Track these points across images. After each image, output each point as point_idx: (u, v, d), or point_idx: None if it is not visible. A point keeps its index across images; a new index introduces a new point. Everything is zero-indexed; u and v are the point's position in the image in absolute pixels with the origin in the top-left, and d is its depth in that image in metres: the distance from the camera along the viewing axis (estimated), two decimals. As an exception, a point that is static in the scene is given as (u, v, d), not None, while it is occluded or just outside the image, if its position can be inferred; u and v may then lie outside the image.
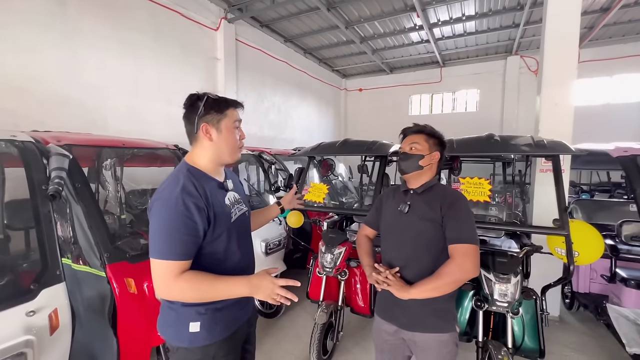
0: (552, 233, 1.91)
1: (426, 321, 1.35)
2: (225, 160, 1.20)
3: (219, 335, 1.13)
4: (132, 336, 1.79)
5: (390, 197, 1.57)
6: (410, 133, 1.47)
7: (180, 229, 1.00)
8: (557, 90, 3.19)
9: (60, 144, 1.90)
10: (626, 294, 2.50)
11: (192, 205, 1.02)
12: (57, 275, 1.61)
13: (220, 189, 1.19)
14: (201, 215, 1.04)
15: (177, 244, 0.99)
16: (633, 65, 7.26)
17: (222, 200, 1.17)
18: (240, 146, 1.22)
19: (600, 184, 5.81)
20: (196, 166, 1.16)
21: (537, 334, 2.02)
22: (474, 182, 2.13)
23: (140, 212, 2.92)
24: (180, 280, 0.99)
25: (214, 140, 1.15)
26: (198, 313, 1.10)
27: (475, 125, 8.15)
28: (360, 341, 2.81)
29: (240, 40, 6.34)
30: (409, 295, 1.27)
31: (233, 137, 1.18)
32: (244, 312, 1.25)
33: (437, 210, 1.34)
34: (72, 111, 3.82)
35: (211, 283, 1.03)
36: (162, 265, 0.99)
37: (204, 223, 1.05)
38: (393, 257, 1.45)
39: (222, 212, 1.13)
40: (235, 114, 1.19)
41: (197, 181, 1.10)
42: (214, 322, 1.12)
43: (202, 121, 1.13)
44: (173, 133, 5.05)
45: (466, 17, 6.44)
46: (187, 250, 1.01)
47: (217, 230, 1.10)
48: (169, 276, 0.98)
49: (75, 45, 3.84)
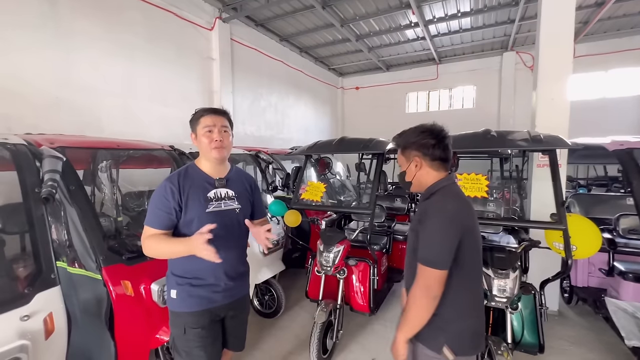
0: (550, 227, 1.91)
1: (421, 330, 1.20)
2: (207, 158, 1.46)
3: (191, 307, 1.39)
4: (129, 339, 1.78)
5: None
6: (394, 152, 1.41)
7: (157, 205, 1.36)
8: (553, 86, 3.19)
9: (54, 147, 1.88)
10: (624, 287, 2.51)
11: (169, 189, 1.36)
12: (52, 279, 1.59)
13: (209, 184, 1.45)
14: (174, 197, 1.35)
15: (153, 216, 1.35)
16: (628, 59, 7.29)
17: (204, 193, 1.41)
18: (213, 147, 1.40)
19: (597, 178, 5.84)
20: (197, 164, 1.49)
21: (536, 329, 2.03)
22: (471, 178, 2.12)
23: (137, 214, 2.90)
24: (147, 240, 1.34)
25: (197, 144, 1.46)
26: (177, 283, 1.41)
27: (472, 122, 8.13)
28: (360, 340, 2.81)
29: (235, 40, 6.31)
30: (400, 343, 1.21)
31: (203, 139, 1.41)
32: (221, 296, 1.45)
33: (416, 223, 1.26)
34: (66, 113, 3.79)
35: (163, 243, 1.32)
36: (144, 229, 1.36)
37: (174, 204, 1.35)
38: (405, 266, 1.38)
39: (196, 201, 1.38)
40: (206, 121, 1.41)
41: (186, 174, 1.43)
42: (188, 294, 1.40)
43: (191, 129, 1.47)
44: (169, 134, 5.04)
45: (461, 14, 6.43)
46: (159, 221, 1.35)
47: (188, 215, 1.37)
48: (144, 236, 1.36)
49: (68, 47, 3.80)
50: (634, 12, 6.30)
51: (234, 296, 1.51)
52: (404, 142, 1.32)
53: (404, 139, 1.32)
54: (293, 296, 3.57)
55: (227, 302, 1.47)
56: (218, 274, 1.43)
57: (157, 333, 1.86)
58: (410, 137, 1.30)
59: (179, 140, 5.02)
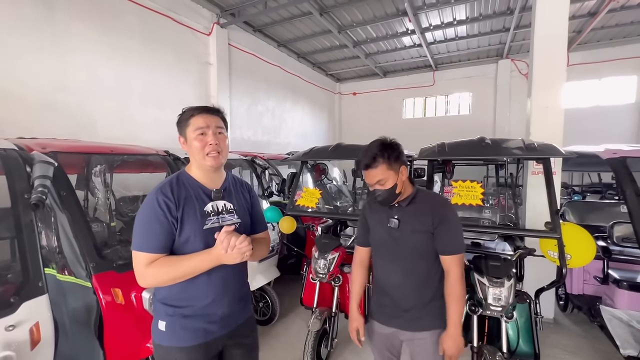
0: (544, 236, 1.90)
1: (425, 320, 1.44)
2: (201, 166, 1.23)
3: (184, 341, 1.17)
4: (119, 348, 1.74)
5: (373, 210, 1.56)
6: (365, 169, 1.37)
7: (151, 223, 1.11)
8: (547, 93, 3.22)
9: (46, 152, 1.86)
10: (619, 295, 2.51)
11: (163, 202, 1.12)
12: (39, 287, 1.56)
13: (206, 196, 1.23)
14: (171, 212, 1.13)
15: (147, 238, 1.11)
16: (621, 67, 7.41)
17: (200, 207, 1.20)
18: (208, 152, 1.19)
19: (592, 186, 5.88)
20: (189, 172, 1.25)
21: (531, 338, 2.01)
22: (466, 185, 2.13)
23: (130, 219, 2.87)
24: (150, 268, 1.09)
25: (187, 149, 1.23)
26: (166, 314, 1.19)
27: (468, 128, 8.23)
28: (355, 348, 2.77)
29: (233, 45, 6.33)
30: (458, 339, 1.36)
31: (194, 143, 1.19)
32: (218, 327, 1.22)
33: (428, 222, 1.39)
34: (61, 117, 3.76)
35: (177, 262, 1.11)
36: (136, 256, 1.11)
37: (172, 219, 1.13)
38: (390, 270, 1.49)
39: (192, 217, 1.17)
40: (197, 121, 1.19)
41: (178, 184, 1.20)
42: (181, 327, 1.17)
43: (179, 133, 1.23)
44: (164, 138, 5.01)
45: (457, 22, 6.51)
46: (157, 242, 1.11)
47: (184, 233, 1.15)
48: (140, 266, 1.10)
49: (64, 50, 3.79)
50: (626, 22, 6.42)
51: (233, 324, 1.27)
52: (393, 157, 1.35)
53: (388, 155, 1.34)
54: (288, 303, 3.54)
55: (225, 331, 1.25)
56: (216, 301, 1.21)
57: (147, 342, 1.82)
58: (393, 152, 1.35)
59: (175, 144, 4.99)
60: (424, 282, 1.44)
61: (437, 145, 2.37)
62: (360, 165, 1.40)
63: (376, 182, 1.36)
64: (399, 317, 1.47)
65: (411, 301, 1.45)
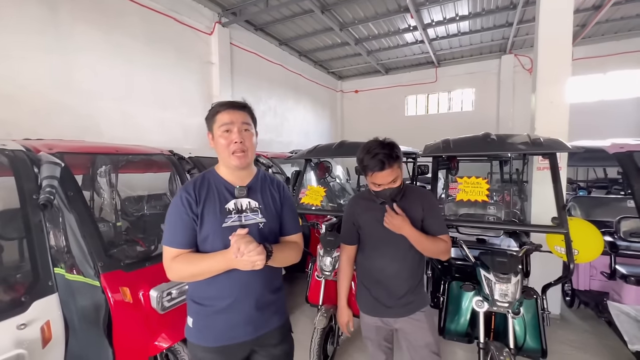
0: (551, 231, 1.89)
1: (417, 302, 1.58)
2: (226, 165, 1.22)
3: (206, 340, 1.17)
4: (128, 346, 1.76)
5: (364, 209, 1.61)
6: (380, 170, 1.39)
7: (175, 220, 1.14)
8: (552, 88, 3.19)
9: (52, 152, 1.88)
10: (626, 290, 2.49)
11: (185, 199, 1.14)
12: (50, 286, 1.58)
13: (228, 193, 1.20)
14: (192, 209, 1.14)
15: (172, 234, 1.14)
16: (626, 61, 7.32)
17: (221, 204, 1.17)
18: (232, 150, 1.16)
19: (597, 180, 5.83)
20: (217, 170, 1.25)
21: (538, 334, 2.00)
22: (471, 181, 2.12)
23: (136, 219, 2.89)
24: (174, 262, 1.12)
25: (214, 146, 1.21)
26: (192, 310, 1.21)
27: (471, 125, 8.18)
28: (361, 344, 2.78)
29: (234, 44, 6.33)
30: (405, 226, 1.45)
31: (220, 141, 1.17)
32: (242, 331, 1.19)
33: (419, 212, 1.53)
34: (65, 118, 3.78)
35: (195, 260, 1.12)
36: (164, 250, 1.15)
37: (193, 216, 1.14)
38: (386, 262, 1.57)
39: (212, 214, 1.15)
40: (223, 118, 1.16)
41: (202, 182, 1.20)
42: (205, 325, 1.18)
43: (207, 128, 1.22)
44: (168, 138, 5.04)
45: (460, 17, 6.46)
46: (180, 238, 1.13)
47: (204, 230, 1.14)
48: (167, 259, 1.14)
49: (68, 51, 3.81)
50: (632, 15, 6.34)
51: (259, 330, 1.22)
52: (400, 156, 1.45)
53: (397, 154, 1.43)
54: (293, 301, 3.55)
55: (250, 338, 1.20)
56: (236, 304, 1.17)
57: (156, 340, 1.83)
58: (398, 150, 1.45)
59: (178, 144, 5.02)
60: (415, 268, 1.59)
61: (441, 142, 2.37)
62: (371, 168, 1.41)
63: (390, 181, 1.43)
64: (394, 305, 1.56)
65: (405, 287, 1.56)
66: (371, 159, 1.40)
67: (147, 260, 1.96)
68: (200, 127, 5.72)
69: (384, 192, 1.46)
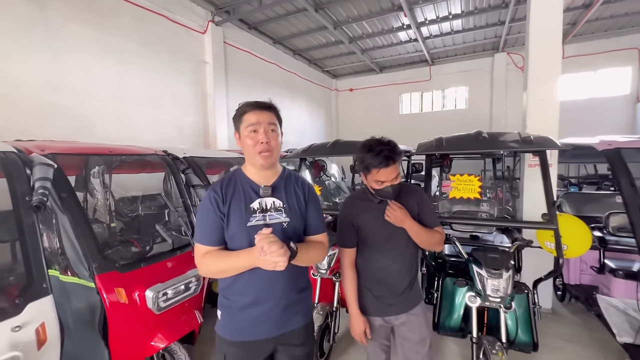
0: (541, 227, 1.94)
1: (414, 297, 1.63)
2: (253, 164, 1.24)
3: (230, 334, 1.22)
4: (124, 347, 1.76)
5: (361, 210, 1.60)
6: (386, 166, 1.41)
7: (204, 219, 1.19)
8: (543, 87, 3.24)
9: (44, 153, 1.86)
10: (615, 284, 2.55)
11: (213, 199, 1.19)
12: (44, 288, 1.57)
13: (254, 193, 1.23)
14: (220, 208, 1.18)
15: (202, 232, 1.20)
16: (616, 59, 7.44)
17: (246, 203, 1.21)
18: (258, 150, 1.18)
19: (588, 177, 5.93)
20: (243, 169, 1.28)
21: (530, 328, 2.05)
22: (464, 179, 2.15)
23: (130, 219, 2.88)
24: (204, 258, 1.17)
25: (241, 145, 1.24)
26: (221, 304, 1.26)
27: (465, 123, 8.25)
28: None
29: (228, 43, 6.30)
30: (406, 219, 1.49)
31: (247, 141, 1.20)
32: (266, 328, 1.22)
33: (414, 208, 1.57)
34: (57, 119, 3.75)
35: (222, 257, 1.16)
36: (195, 247, 1.21)
37: (220, 214, 1.18)
38: (388, 261, 1.58)
39: (237, 213, 1.19)
40: (250, 118, 1.19)
41: (229, 181, 1.24)
42: (231, 320, 1.23)
43: (235, 128, 1.25)
44: (162, 138, 5.01)
45: (453, 16, 6.51)
46: (209, 236, 1.18)
47: (230, 229, 1.18)
48: (198, 256, 1.19)
49: (59, 51, 3.77)
50: (621, 13, 6.44)
51: (282, 328, 1.24)
52: (401, 153, 1.48)
53: (399, 151, 1.46)
54: (289, 299, 3.56)
55: (273, 335, 1.23)
56: (260, 301, 1.20)
57: (152, 340, 1.84)
58: (398, 148, 1.47)
59: (172, 144, 5.00)
60: (413, 264, 1.63)
61: (434, 140, 2.39)
62: (376, 165, 1.41)
63: (393, 178, 1.44)
64: (395, 302, 1.59)
65: (404, 284, 1.59)
66: (375, 156, 1.40)
67: (142, 261, 1.96)
68: (194, 126, 5.73)
69: (387, 190, 1.45)
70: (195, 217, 2.52)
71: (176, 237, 2.41)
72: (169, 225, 2.63)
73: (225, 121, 6.14)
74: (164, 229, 2.44)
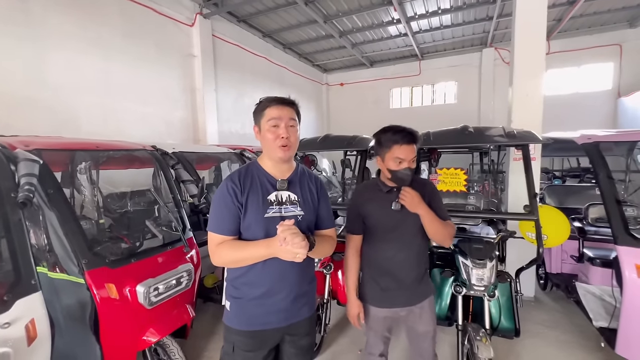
0: (523, 218, 2.01)
1: (423, 291, 1.61)
2: (271, 157, 1.27)
3: (240, 324, 1.25)
4: (115, 342, 1.77)
5: (369, 198, 1.61)
6: (408, 143, 1.43)
7: (221, 208, 1.21)
8: (528, 82, 3.32)
9: (29, 149, 1.82)
10: (592, 272, 2.67)
11: (231, 188, 1.21)
12: (32, 284, 1.56)
13: (270, 185, 1.26)
14: (237, 197, 1.20)
15: (217, 221, 1.21)
16: (599, 55, 7.64)
17: (263, 195, 1.24)
18: (279, 145, 1.21)
19: (571, 170, 6.11)
20: (260, 162, 1.31)
21: (512, 315, 2.14)
22: (450, 172, 2.21)
23: (119, 215, 2.85)
24: (219, 248, 1.19)
25: (260, 139, 1.27)
26: (231, 295, 1.28)
27: (454, 117, 8.35)
28: (348, 332, 2.87)
29: (217, 36, 6.21)
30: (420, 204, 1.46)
31: (267, 135, 1.22)
32: (275, 318, 1.25)
33: (425, 200, 1.51)
34: (41, 113, 3.65)
35: (239, 247, 1.18)
36: (209, 236, 1.22)
37: (238, 204, 1.20)
38: (394, 251, 1.56)
39: (255, 204, 1.21)
40: (272, 112, 1.22)
41: (247, 173, 1.27)
42: (241, 310, 1.25)
43: (255, 122, 1.28)
44: (150, 133, 4.94)
45: (442, 11, 6.55)
46: (225, 225, 1.20)
47: (247, 219, 1.21)
48: (212, 245, 1.21)
49: (41, 44, 3.66)
50: (604, 10, 6.60)
51: (291, 319, 1.28)
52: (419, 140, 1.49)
53: (418, 136, 1.47)
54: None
55: (282, 325, 1.27)
56: (276, 291, 1.24)
57: (144, 335, 1.85)
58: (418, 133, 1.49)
59: (161, 139, 4.94)
60: (421, 255, 1.62)
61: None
62: (398, 140, 1.43)
63: (412, 158, 1.44)
64: (402, 295, 1.57)
65: (412, 275, 1.58)
66: (397, 133, 1.43)
67: (132, 257, 1.95)
68: (183, 121, 5.66)
69: (404, 172, 1.44)
70: (185, 213, 2.52)
71: (167, 232, 2.41)
72: (159, 221, 2.62)
73: (214, 116, 6.08)
74: (154, 225, 2.43)
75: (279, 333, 1.28)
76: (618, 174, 3.25)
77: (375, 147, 1.55)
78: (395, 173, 1.47)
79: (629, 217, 2.25)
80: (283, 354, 1.35)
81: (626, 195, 3.34)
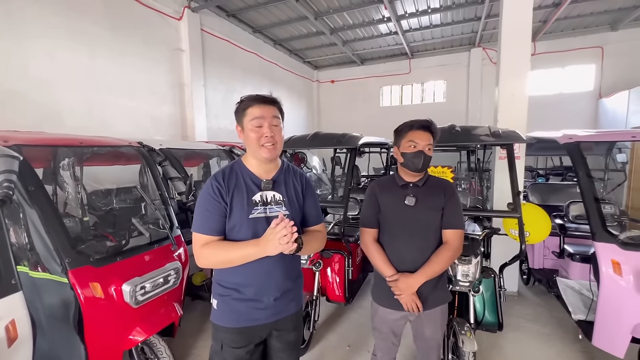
0: (507, 216, 2.07)
1: (437, 297, 1.57)
2: (255, 157, 1.26)
3: (229, 322, 1.25)
4: (101, 341, 1.74)
5: (384, 192, 1.60)
6: (422, 129, 1.48)
7: (206, 207, 1.19)
8: (513, 82, 3.39)
9: (8, 145, 1.76)
10: (572, 267, 2.77)
11: (215, 187, 1.20)
12: (13, 284, 1.51)
13: (255, 185, 1.25)
14: (222, 197, 1.19)
15: (203, 220, 1.19)
16: (582, 56, 7.85)
17: (248, 196, 1.23)
18: (262, 144, 1.20)
19: (554, 168, 6.29)
20: (244, 161, 1.30)
21: (496, 309, 2.20)
22: (437, 170, 2.24)
23: (104, 213, 2.79)
24: (204, 249, 1.18)
25: (244, 138, 1.25)
26: (218, 293, 1.28)
27: (443, 116, 8.39)
28: (337, 328, 2.90)
29: (205, 31, 6.10)
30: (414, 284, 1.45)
31: (251, 135, 1.21)
32: (263, 314, 1.26)
33: (441, 200, 1.53)
34: (21, 108, 3.53)
35: (226, 248, 1.17)
36: (194, 237, 1.20)
37: (223, 204, 1.19)
38: (405, 250, 1.54)
39: (239, 205, 1.21)
40: (254, 112, 1.20)
41: (231, 172, 1.25)
42: (229, 308, 1.25)
43: (237, 121, 1.26)
44: (136, 129, 4.84)
45: (432, 10, 6.61)
46: (211, 225, 1.18)
47: (232, 220, 1.20)
48: (197, 246, 1.19)
49: (21, 36, 3.52)
50: (587, 13, 6.78)
51: (279, 314, 1.30)
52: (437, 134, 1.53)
53: (436, 129, 1.51)
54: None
55: (270, 321, 1.28)
56: (262, 290, 1.25)
57: (130, 334, 1.83)
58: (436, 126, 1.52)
59: (148, 135, 4.84)
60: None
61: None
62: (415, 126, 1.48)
63: (426, 144, 1.47)
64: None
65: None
66: (413, 121, 1.50)
67: (118, 255, 1.92)
68: (171, 117, 5.56)
69: (419, 156, 1.45)
70: (172, 210, 2.48)
71: (154, 230, 2.37)
72: (146, 219, 2.58)
73: (203, 112, 5.99)
74: (140, 223, 2.39)
75: (266, 329, 1.30)
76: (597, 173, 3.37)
77: (395, 139, 1.58)
78: (407, 158, 1.49)
79: (607, 215, 2.34)
80: (270, 349, 1.37)
81: (604, 193, 3.46)
